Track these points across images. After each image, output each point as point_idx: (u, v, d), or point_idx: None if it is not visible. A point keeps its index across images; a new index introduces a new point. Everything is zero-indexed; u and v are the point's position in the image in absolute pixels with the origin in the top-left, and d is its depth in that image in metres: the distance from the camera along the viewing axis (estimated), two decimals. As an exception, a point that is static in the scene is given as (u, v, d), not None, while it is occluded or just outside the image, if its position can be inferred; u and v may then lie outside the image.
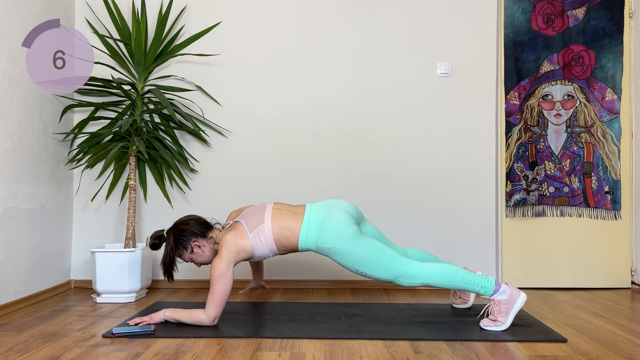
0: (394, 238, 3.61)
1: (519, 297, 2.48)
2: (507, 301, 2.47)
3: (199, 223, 2.68)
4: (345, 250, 2.50)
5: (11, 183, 2.91)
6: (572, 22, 3.66)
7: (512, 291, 2.49)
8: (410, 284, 2.51)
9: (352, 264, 2.51)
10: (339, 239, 2.51)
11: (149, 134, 3.43)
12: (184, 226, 2.64)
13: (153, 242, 2.69)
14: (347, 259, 2.51)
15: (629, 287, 3.63)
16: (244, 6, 3.66)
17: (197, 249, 2.64)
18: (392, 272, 2.49)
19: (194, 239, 2.63)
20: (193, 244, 2.63)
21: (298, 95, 3.65)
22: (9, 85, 2.89)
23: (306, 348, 2.21)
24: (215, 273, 2.48)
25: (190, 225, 2.65)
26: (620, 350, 2.19)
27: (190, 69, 3.64)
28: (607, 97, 3.64)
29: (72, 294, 3.37)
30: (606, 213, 3.63)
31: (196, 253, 2.65)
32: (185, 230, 2.63)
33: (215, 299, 2.47)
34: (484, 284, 2.48)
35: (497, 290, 2.49)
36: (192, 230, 2.63)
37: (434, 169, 3.64)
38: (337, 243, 2.51)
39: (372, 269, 2.50)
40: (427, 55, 3.66)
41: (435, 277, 2.49)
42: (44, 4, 3.23)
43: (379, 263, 2.49)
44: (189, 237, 2.62)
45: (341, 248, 2.51)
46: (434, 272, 2.49)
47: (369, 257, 2.49)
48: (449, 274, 2.49)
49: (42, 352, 2.15)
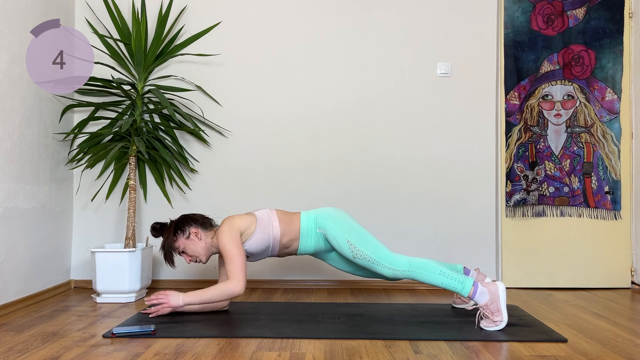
0: (394, 238, 3.61)
1: (498, 290, 2.49)
2: (492, 299, 2.48)
3: (204, 217, 2.79)
4: (342, 220, 2.71)
5: (11, 183, 2.91)
6: (572, 22, 3.66)
7: (490, 288, 2.50)
8: (391, 273, 2.62)
9: (345, 233, 2.68)
10: (336, 212, 2.75)
11: (149, 134, 3.43)
12: (188, 214, 2.78)
13: (154, 227, 2.77)
14: (342, 228, 2.69)
15: (629, 287, 3.63)
16: (244, 6, 3.66)
17: (193, 236, 2.70)
18: (377, 253, 2.65)
19: (194, 226, 2.71)
20: (192, 230, 2.69)
21: (298, 94, 3.65)
22: (9, 85, 2.89)
23: (306, 348, 2.21)
24: (223, 242, 2.59)
25: (195, 215, 2.78)
26: (620, 350, 2.19)
27: (190, 69, 3.64)
28: (607, 97, 3.64)
29: (72, 294, 3.37)
30: (606, 213, 3.63)
31: (191, 240, 2.69)
32: (189, 217, 2.75)
33: (236, 266, 2.55)
34: (461, 280, 2.53)
35: (475, 292, 2.50)
36: (195, 218, 2.75)
37: (433, 169, 3.64)
38: (335, 212, 2.75)
39: (361, 242, 2.66)
40: (427, 55, 3.66)
41: (413, 266, 2.59)
42: (44, 4, 3.23)
43: (369, 241, 2.67)
44: (189, 223, 2.72)
45: (338, 215, 2.72)
46: (413, 262, 2.61)
47: (362, 232, 2.69)
48: (427, 265, 2.58)
49: (42, 352, 2.15)
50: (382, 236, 3.60)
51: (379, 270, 2.64)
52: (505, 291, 2.50)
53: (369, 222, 3.61)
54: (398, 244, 3.60)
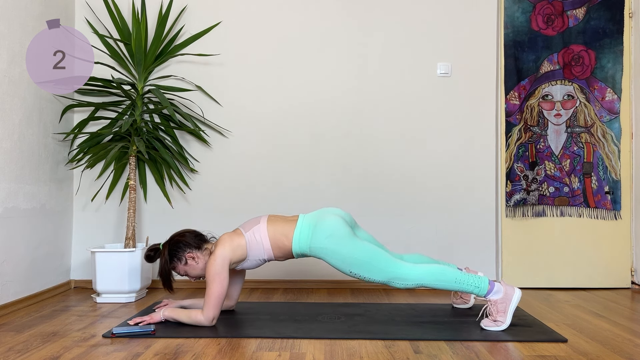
0: (394, 238, 3.61)
1: (514, 294, 2.48)
2: (503, 300, 2.48)
3: (195, 235, 2.68)
4: (338, 251, 2.51)
5: (11, 183, 2.91)
6: (572, 22, 3.66)
7: (507, 289, 2.49)
8: (404, 286, 2.53)
9: (346, 266, 2.52)
10: (331, 238, 2.52)
11: (149, 134, 3.43)
12: (179, 237, 2.65)
13: (148, 254, 2.67)
14: (341, 261, 2.52)
15: (629, 287, 3.63)
16: (244, 6, 3.66)
17: (191, 261, 2.62)
18: (385, 274, 2.50)
19: (189, 251, 2.62)
20: (187, 256, 2.62)
21: (298, 95, 3.65)
22: (9, 85, 2.89)
23: (306, 348, 2.21)
24: (210, 271, 2.49)
25: (185, 237, 2.65)
26: (620, 350, 2.19)
27: (190, 69, 3.64)
28: (607, 97, 3.64)
29: (72, 294, 3.36)
30: (606, 213, 3.63)
31: (190, 265, 2.63)
32: (180, 241, 2.63)
33: (212, 299, 2.47)
34: (477, 284, 2.50)
35: (491, 290, 2.50)
36: (187, 242, 2.63)
37: (434, 169, 3.64)
38: (330, 243, 2.52)
39: (366, 271, 2.51)
40: (427, 55, 3.66)
41: (428, 277, 2.50)
42: (44, 4, 3.23)
43: (373, 265, 2.50)
44: (183, 249, 2.62)
45: (334, 249, 2.52)
46: (426, 273, 2.51)
47: (363, 258, 2.50)
48: (442, 275, 2.51)
49: (42, 352, 2.15)
50: (382, 236, 3.60)
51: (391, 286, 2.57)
52: (519, 299, 2.49)
53: (369, 222, 3.60)
54: (398, 244, 3.60)
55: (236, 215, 3.59)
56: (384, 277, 2.51)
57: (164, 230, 3.59)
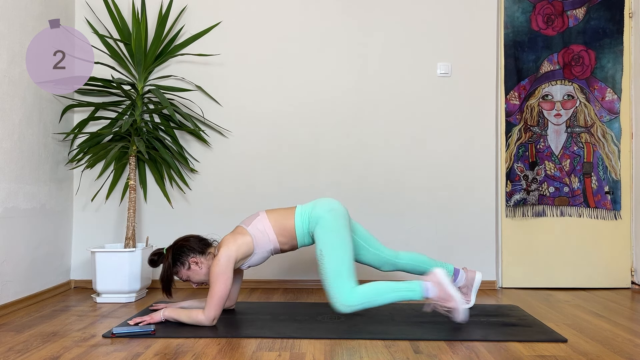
0: (394, 238, 3.61)
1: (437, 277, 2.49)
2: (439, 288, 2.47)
3: (199, 240, 2.67)
4: (331, 226, 2.56)
5: (11, 183, 2.91)
6: (572, 22, 3.66)
7: (431, 278, 2.50)
8: (344, 309, 2.48)
9: (325, 240, 2.54)
10: (331, 212, 2.60)
11: (149, 134, 3.43)
12: (183, 242, 2.64)
13: (151, 259, 2.65)
14: (326, 233, 2.55)
15: (629, 287, 3.63)
16: (244, 6, 3.66)
17: (194, 266, 2.62)
18: (339, 277, 2.49)
19: (192, 255, 2.61)
20: (191, 260, 2.61)
21: (298, 95, 3.65)
22: (9, 85, 2.89)
23: (306, 348, 2.21)
24: (214, 271, 2.49)
25: (189, 242, 2.65)
26: (620, 350, 2.19)
27: (190, 69, 3.64)
28: (607, 97, 3.64)
29: (72, 294, 3.36)
30: (606, 213, 3.63)
31: (193, 270, 2.62)
32: (185, 246, 2.62)
33: (214, 299, 2.47)
34: (411, 287, 2.50)
35: (426, 290, 2.49)
36: (191, 247, 2.62)
37: (434, 169, 3.64)
38: (329, 215, 2.58)
39: (331, 256, 2.51)
40: (427, 55, 3.66)
41: (367, 295, 2.49)
42: (44, 4, 3.23)
43: (341, 260, 2.51)
44: (187, 253, 2.61)
45: (331, 221, 2.56)
46: (365, 291, 2.50)
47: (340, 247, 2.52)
48: (378, 289, 2.50)
49: (42, 352, 2.15)
50: (382, 236, 3.60)
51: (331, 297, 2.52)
52: (444, 274, 2.50)
53: (369, 222, 3.61)
54: (398, 244, 3.60)
55: (236, 215, 3.59)
56: (335, 278, 2.49)
57: (164, 230, 3.59)
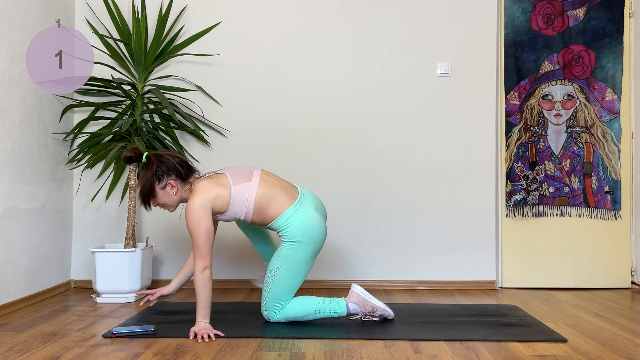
0: (394, 238, 3.61)
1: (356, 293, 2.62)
2: (362, 304, 2.60)
3: (186, 165, 2.52)
4: (302, 256, 2.51)
5: (11, 183, 2.91)
6: (572, 22, 3.66)
7: (352, 298, 2.62)
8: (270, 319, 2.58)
9: (288, 262, 2.49)
10: (312, 245, 2.52)
11: (149, 134, 3.43)
12: (170, 158, 2.48)
13: (129, 156, 2.49)
14: (291, 258, 2.49)
15: (629, 287, 3.63)
16: (244, 6, 3.66)
17: (169, 188, 2.47)
18: (279, 298, 2.53)
19: (173, 177, 2.46)
20: (169, 182, 2.46)
21: (298, 94, 3.65)
22: (9, 85, 2.89)
23: (306, 348, 2.21)
24: (192, 222, 2.37)
25: (176, 161, 2.48)
26: (620, 350, 2.19)
27: (190, 69, 3.64)
28: (607, 97, 3.64)
29: (72, 294, 3.37)
30: (606, 213, 3.63)
31: (166, 192, 2.47)
32: (170, 164, 2.46)
33: (201, 250, 2.37)
34: (336, 310, 2.58)
35: (349, 309, 2.60)
36: (176, 168, 2.47)
37: (433, 169, 3.64)
38: (307, 247, 2.51)
39: (284, 278, 2.50)
40: (427, 55, 3.66)
41: (294, 316, 2.57)
42: (44, 4, 3.23)
43: (290, 284, 2.52)
44: (169, 173, 2.45)
45: (304, 250, 2.51)
46: (294, 311, 2.56)
47: (297, 274, 2.52)
48: (306, 312, 2.57)
49: (42, 352, 2.15)
50: (382, 236, 3.60)
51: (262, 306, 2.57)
52: (359, 287, 2.64)
53: (369, 222, 3.61)
54: (398, 244, 3.60)
55: (236, 215, 3.58)
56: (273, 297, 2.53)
57: (164, 230, 3.59)
